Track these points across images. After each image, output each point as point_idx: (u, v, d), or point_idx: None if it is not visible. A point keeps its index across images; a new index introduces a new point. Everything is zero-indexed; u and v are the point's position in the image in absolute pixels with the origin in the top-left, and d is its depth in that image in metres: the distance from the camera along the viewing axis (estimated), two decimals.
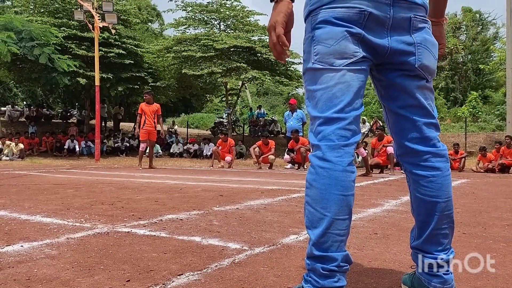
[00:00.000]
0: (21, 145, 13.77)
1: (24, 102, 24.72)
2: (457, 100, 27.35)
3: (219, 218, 2.96)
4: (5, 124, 17.46)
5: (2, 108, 19.26)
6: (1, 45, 13.14)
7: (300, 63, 18.69)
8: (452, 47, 25.74)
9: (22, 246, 2.12)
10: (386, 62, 1.35)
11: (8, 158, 13.13)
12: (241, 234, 2.46)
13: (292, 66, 18.73)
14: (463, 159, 11.23)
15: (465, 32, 29.39)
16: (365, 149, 9.28)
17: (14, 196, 4.17)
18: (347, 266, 1.28)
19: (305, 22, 1.39)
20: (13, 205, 3.51)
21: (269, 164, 10.72)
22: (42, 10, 17.98)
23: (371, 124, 17.67)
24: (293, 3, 1.36)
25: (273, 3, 1.36)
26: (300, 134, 10.80)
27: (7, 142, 13.67)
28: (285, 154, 11.08)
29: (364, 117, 18.68)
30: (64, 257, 1.93)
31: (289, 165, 10.82)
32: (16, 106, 21.56)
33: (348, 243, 2.14)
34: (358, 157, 11.39)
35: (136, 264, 1.83)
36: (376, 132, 10.20)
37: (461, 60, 28.17)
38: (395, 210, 3.47)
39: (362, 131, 17.13)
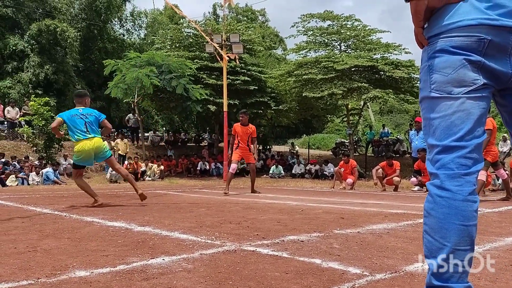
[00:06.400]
0: (161, 167, 15.40)
1: (164, 128, 27.59)
2: None
3: (339, 241, 2.98)
4: (148, 148, 19.62)
5: (146, 134, 21.70)
6: (145, 79, 15.00)
7: None
8: None
9: (163, 259, 2.41)
10: (510, 88, 1.29)
11: (150, 178, 14.77)
12: (361, 258, 2.45)
13: (418, 82, 17.79)
14: None
15: None
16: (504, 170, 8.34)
17: (156, 213, 4.71)
18: None
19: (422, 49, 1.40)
20: (156, 222, 3.97)
21: (394, 186, 10.25)
22: (178, 45, 20.08)
23: None
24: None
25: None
26: None
27: (150, 164, 15.40)
28: (412, 176, 10.49)
29: (505, 134, 16.75)
30: (198, 271, 2.15)
31: (417, 188, 10.21)
32: (157, 132, 24.16)
33: (479, 273, 2.01)
34: (498, 180, 10.27)
35: (260, 282, 1.96)
36: None
37: None
38: None
39: (503, 150, 15.39)
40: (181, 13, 14.00)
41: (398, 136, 21.49)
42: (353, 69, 17.03)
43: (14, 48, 24.30)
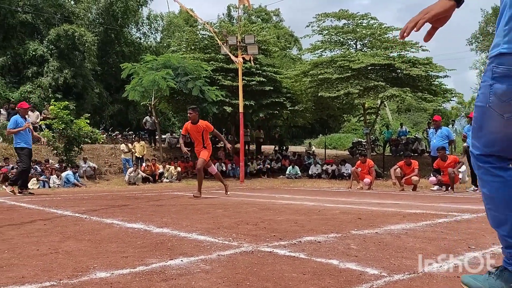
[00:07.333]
0: (178, 169, 15.52)
1: (180, 130, 27.80)
2: None
3: (357, 242, 2.96)
4: (165, 150, 19.79)
5: (163, 136, 21.90)
6: (161, 81, 15.16)
7: (445, 76, 17.45)
8: None
9: (182, 260, 2.44)
10: None
11: (168, 180, 14.90)
12: (379, 259, 2.44)
13: (436, 80, 17.57)
14: None
15: None
16: None
17: (174, 215, 4.76)
18: None
19: (488, 59, 1.57)
20: (174, 224, 4.01)
21: (412, 186, 10.13)
22: (193, 47, 20.24)
23: None
24: (455, 6, 1.54)
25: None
26: (447, 152, 9.98)
27: (167, 166, 15.54)
28: (431, 175, 10.35)
29: None
30: (216, 272, 2.17)
31: (436, 187, 10.07)
32: (174, 134, 24.35)
33: None
34: None
35: (277, 283, 1.97)
36: None
37: None
38: None
39: None
40: (196, 16, 14.07)
41: (416, 135, 21.22)
42: (369, 68, 16.90)
43: (34, 53, 24.85)
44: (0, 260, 2.48)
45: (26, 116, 8.87)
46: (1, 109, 17.23)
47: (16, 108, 8.99)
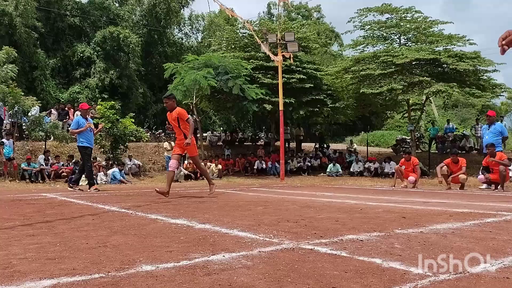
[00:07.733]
0: (219, 166, 15.73)
1: (221, 128, 28.16)
2: None
3: (401, 241, 2.90)
4: (206, 148, 20.08)
5: (204, 134, 22.24)
6: (202, 80, 15.38)
7: (494, 70, 16.66)
8: None
9: (223, 256, 2.48)
10: None
11: None
12: (424, 259, 2.38)
13: (484, 74, 16.79)
14: None
15: None
16: None
17: (216, 212, 4.83)
18: None
19: None
20: (215, 220, 4.07)
21: (459, 184, 9.75)
22: (234, 46, 20.39)
23: None
24: None
25: None
26: (499, 149, 9.51)
27: (208, 163, 15.78)
28: (480, 172, 9.93)
29: None
30: (257, 268, 2.19)
31: (484, 186, 9.64)
32: (215, 132, 24.69)
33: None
34: None
35: (319, 280, 1.96)
36: None
37: None
38: None
39: None
40: (235, 16, 14.20)
41: (464, 132, 20.42)
42: (413, 63, 16.40)
43: (81, 55, 25.92)
44: (52, 253, 2.61)
45: (88, 116, 9.32)
46: (52, 109, 18.07)
47: (79, 109, 9.76)
